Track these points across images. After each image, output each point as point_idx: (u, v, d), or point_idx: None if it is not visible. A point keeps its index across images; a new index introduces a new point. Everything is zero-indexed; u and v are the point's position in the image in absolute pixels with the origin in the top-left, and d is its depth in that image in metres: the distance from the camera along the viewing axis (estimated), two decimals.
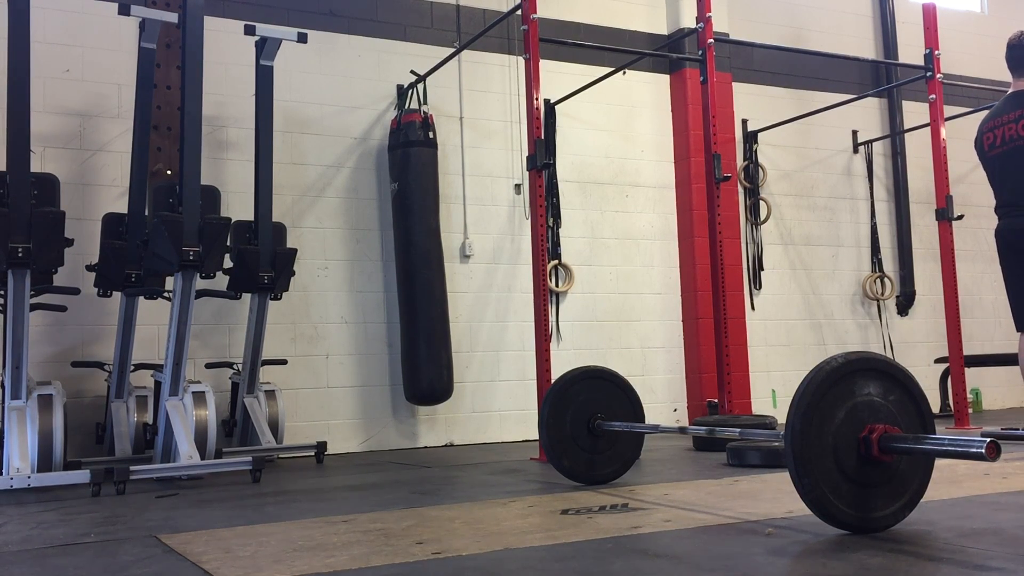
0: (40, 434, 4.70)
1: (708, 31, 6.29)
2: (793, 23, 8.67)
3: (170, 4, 6.10)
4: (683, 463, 5.05)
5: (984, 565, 2.26)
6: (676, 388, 7.78)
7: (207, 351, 6.19)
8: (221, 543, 2.92)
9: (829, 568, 2.28)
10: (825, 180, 8.71)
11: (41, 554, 2.86)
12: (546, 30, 6.06)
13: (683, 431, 3.99)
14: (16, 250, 4.55)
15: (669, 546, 2.67)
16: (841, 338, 8.48)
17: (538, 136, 5.48)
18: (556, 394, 4.08)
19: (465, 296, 7.07)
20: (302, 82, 6.71)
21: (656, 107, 8.00)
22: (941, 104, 6.89)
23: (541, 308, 5.42)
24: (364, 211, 6.85)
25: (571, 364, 5.00)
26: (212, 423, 5.08)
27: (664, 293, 7.84)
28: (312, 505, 3.83)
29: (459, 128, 7.21)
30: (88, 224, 5.79)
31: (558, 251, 7.39)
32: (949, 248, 6.79)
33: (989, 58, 9.51)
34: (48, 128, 5.94)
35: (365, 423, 6.67)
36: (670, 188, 7.98)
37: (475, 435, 6.99)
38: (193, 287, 4.93)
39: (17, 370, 4.71)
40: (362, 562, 2.53)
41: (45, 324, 5.70)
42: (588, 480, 4.07)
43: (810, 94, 8.54)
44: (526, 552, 2.63)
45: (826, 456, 2.57)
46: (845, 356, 2.66)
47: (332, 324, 6.65)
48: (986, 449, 2.31)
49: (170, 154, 6.05)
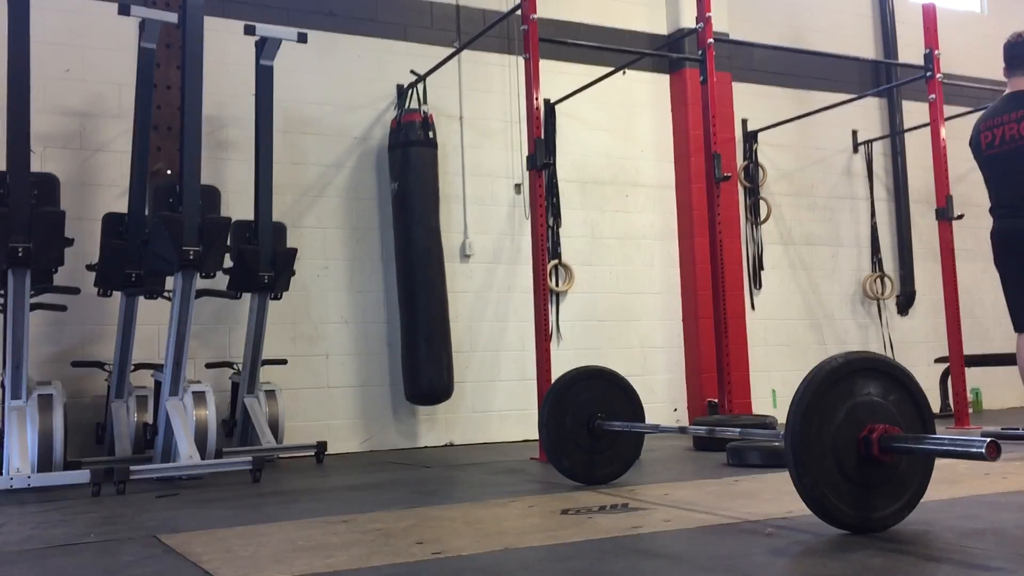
0: (40, 434, 4.70)
1: (708, 31, 6.29)
2: (793, 23, 8.67)
3: (170, 4, 6.10)
4: (683, 463, 5.05)
5: (984, 565, 2.26)
6: (676, 388, 7.78)
7: (207, 351, 6.19)
8: (221, 543, 2.92)
9: (829, 568, 2.28)
10: (825, 180, 8.71)
11: (41, 554, 2.86)
12: (546, 30, 6.06)
13: (683, 431, 3.99)
14: (16, 250, 4.55)
15: (669, 546, 2.67)
16: (841, 338, 8.48)
17: (538, 136, 5.48)
18: (556, 394, 4.07)
19: (465, 296, 7.07)
20: (302, 82, 6.71)
21: (656, 107, 8.00)
22: (941, 104, 6.89)
23: (541, 308, 5.42)
24: (364, 211, 6.85)
25: (571, 364, 4.97)
26: (212, 423, 5.08)
27: (664, 293, 7.84)
28: (312, 505, 3.83)
29: (459, 128, 7.21)
30: (88, 224, 5.79)
31: (558, 251, 7.39)
32: (949, 248, 6.79)
33: (989, 58, 9.48)
34: (48, 128, 5.94)
35: (365, 423, 6.67)
36: (670, 188, 7.98)
37: (475, 435, 6.99)
38: (193, 287, 4.93)
39: (17, 370, 4.71)
40: (362, 562, 2.53)
41: (45, 324, 5.69)
42: (588, 480, 4.07)
43: (810, 94, 8.54)
44: (526, 552, 2.63)
45: (826, 456, 2.56)
46: (845, 356, 2.66)
47: (332, 324, 6.65)
48: (986, 449, 2.30)
49: (170, 154, 6.05)
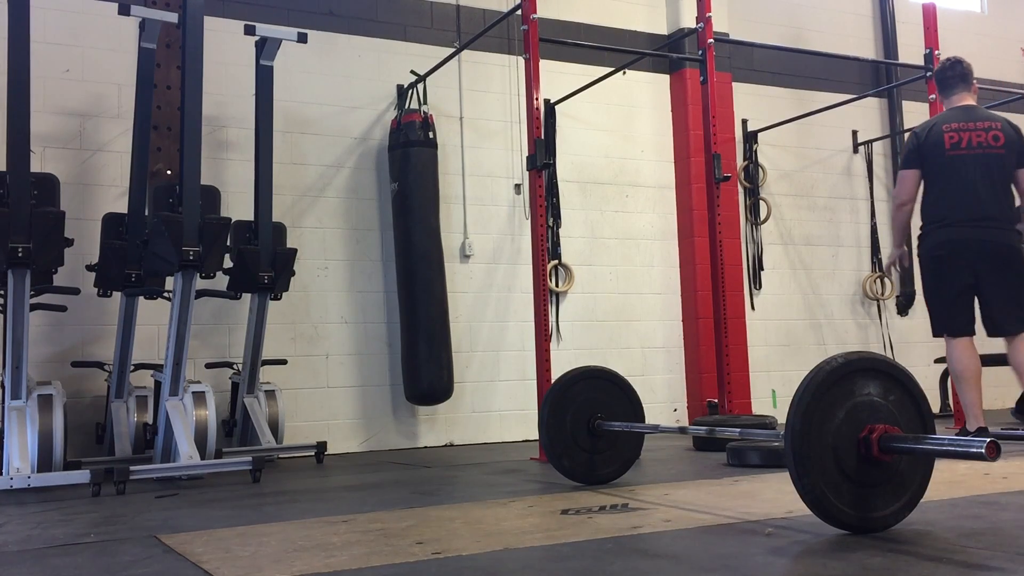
0: (40, 434, 4.70)
1: (708, 31, 6.30)
2: (793, 23, 8.67)
3: (170, 4, 6.10)
4: (683, 463, 5.05)
5: (984, 565, 2.26)
6: (676, 388, 7.78)
7: (207, 351, 6.19)
8: (221, 543, 2.92)
9: (829, 568, 2.28)
10: (825, 180, 8.71)
11: (41, 554, 2.86)
12: (546, 30, 6.06)
13: (683, 431, 3.99)
14: (16, 250, 4.55)
15: (669, 546, 2.67)
16: (841, 338, 8.48)
17: (538, 136, 5.48)
18: (556, 394, 4.08)
19: (465, 296, 7.07)
20: (302, 82, 6.71)
21: (656, 107, 8.00)
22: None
23: (541, 308, 5.42)
24: (364, 211, 6.85)
25: (571, 364, 4.99)
26: (212, 423, 5.08)
27: (664, 293, 7.84)
28: (312, 505, 3.83)
29: (459, 128, 7.21)
30: (88, 224, 5.79)
31: (558, 251, 7.39)
32: None
33: (989, 58, 9.51)
34: (48, 128, 5.94)
35: (365, 423, 6.67)
36: (670, 188, 7.98)
37: (475, 435, 6.99)
38: (193, 287, 4.93)
39: (17, 370, 4.71)
40: (362, 562, 2.53)
41: (45, 324, 5.69)
42: (588, 480, 4.07)
43: (810, 94, 8.54)
44: (526, 552, 2.63)
45: (826, 456, 2.56)
46: (845, 356, 2.66)
47: (332, 324, 6.65)
48: (986, 449, 2.30)
49: (170, 154, 6.05)
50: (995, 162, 4.59)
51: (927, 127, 4.85)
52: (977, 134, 4.60)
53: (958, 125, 4.70)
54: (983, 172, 4.59)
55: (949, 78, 4.89)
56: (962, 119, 4.72)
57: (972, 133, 4.63)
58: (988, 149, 4.58)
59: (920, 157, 4.77)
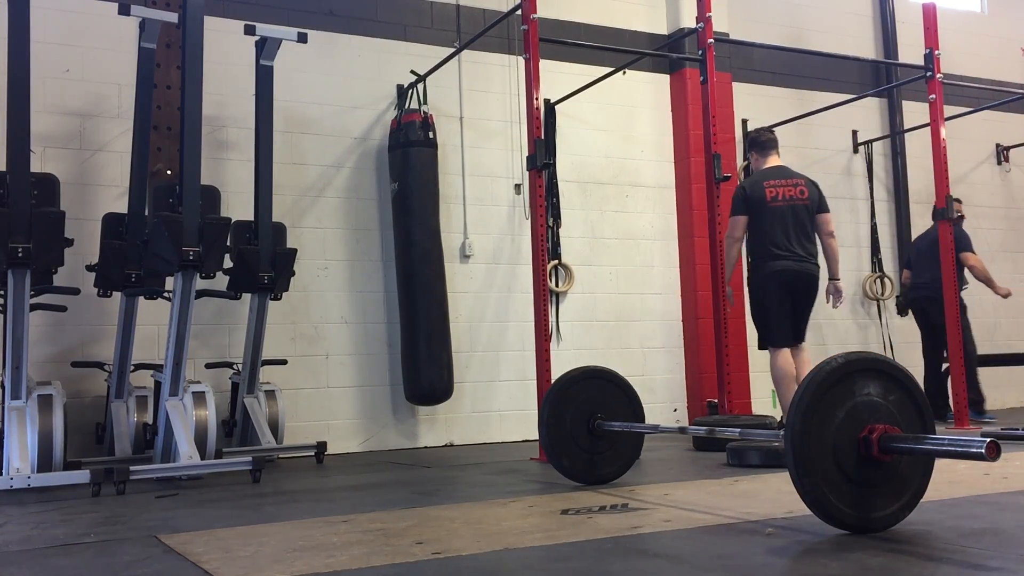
0: (40, 434, 4.70)
1: (708, 31, 6.30)
2: (793, 23, 8.67)
3: (170, 4, 6.10)
4: (683, 463, 5.05)
5: (984, 565, 2.27)
6: (676, 388, 7.78)
7: (207, 351, 6.19)
8: (221, 543, 2.92)
9: (829, 568, 2.28)
10: (825, 180, 8.62)
11: (41, 554, 2.86)
12: (546, 30, 6.06)
13: (683, 431, 3.99)
14: (16, 250, 4.55)
15: (669, 546, 2.67)
16: (841, 338, 8.47)
17: (538, 136, 5.48)
18: (556, 394, 4.08)
19: (465, 296, 7.07)
20: (302, 82, 6.71)
21: (656, 107, 8.00)
22: (941, 104, 6.89)
23: (541, 308, 5.42)
24: (364, 211, 6.85)
25: (571, 364, 4.98)
26: (212, 423, 5.08)
27: (664, 293, 7.84)
28: (312, 505, 3.83)
29: (459, 128, 7.21)
30: (88, 224, 5.79)
31: (558, 251, 7.39)
32: (949, 248, 6.79)
33: (989, 58, 9.52)
34: (48, 128, 5.94)
35: (365, 423, 6.67)
36: (670, 188, 7.98)
37: (475, 435, 6.99)
38: (193, 287, 4.93)
39: (17, 370, 4.71)
40: (362, 562, 2.53)
41: (45, 324, 5.69)
42: (588, 480, 4.07)
43: (810, 94, 8.54)
44: (526, 552, 2.63)
45: (826, 456, 2.57)
46: (845, 356, 2.66)
47: (332, 324, 6.65)
48: (986, 449, 2.31)
49: (170, 154, 6.05)
50: (802, 211, 5.68)
51: (752, 182, 5.80)
52: (788, 189, 5.70)
53: (775, 182, 5.73)
54: (794, 218, 5.66)
55: (765, 141, 5.92)
56: (778, 176, 5.76)
57: (785, 188, 5.70)
58: (796, 201, 5.68)
59: (747, 206, 5.73)
